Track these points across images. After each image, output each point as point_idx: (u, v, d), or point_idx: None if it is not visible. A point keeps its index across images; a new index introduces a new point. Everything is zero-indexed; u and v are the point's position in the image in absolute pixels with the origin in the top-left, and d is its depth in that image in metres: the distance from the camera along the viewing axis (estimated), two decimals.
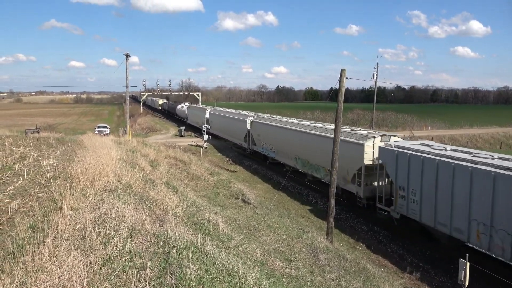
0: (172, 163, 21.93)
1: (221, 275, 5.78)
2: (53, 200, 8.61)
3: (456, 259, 12.43)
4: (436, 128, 68.52)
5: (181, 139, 47.09)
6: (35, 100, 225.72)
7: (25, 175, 11.67)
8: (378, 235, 17.84)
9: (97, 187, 9.90)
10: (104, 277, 5.27)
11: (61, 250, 5.73)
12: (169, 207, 9.79)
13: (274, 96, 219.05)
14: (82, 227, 6.93)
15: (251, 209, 16.03)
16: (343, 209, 21.13)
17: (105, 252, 5.94)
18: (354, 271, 10.99)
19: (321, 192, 24.76)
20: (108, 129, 51.56)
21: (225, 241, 8.61)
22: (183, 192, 13.72)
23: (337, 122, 14.61)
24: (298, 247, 11.44)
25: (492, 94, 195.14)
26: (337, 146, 14.74)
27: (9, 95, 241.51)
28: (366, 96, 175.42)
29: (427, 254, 15.77)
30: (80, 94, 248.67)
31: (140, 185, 11.75)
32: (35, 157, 15.50)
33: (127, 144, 24.12)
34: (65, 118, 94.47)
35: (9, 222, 7.45)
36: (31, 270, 5.13)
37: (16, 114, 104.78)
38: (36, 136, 25.07)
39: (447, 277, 13.90)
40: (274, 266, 8.61)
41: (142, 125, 68.74)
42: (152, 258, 6.08)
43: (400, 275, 13.99)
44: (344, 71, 14.28)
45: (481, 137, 57.16)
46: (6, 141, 19.92)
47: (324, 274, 9.71)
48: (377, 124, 62.87)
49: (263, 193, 24.35)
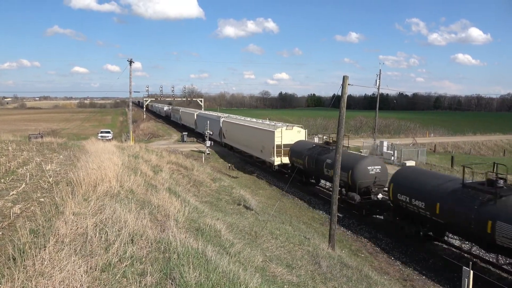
0: (174, 168, 21.92)
1: (222, 281, 5.74)
2: (55, 205, 8.62)
3: (459, 267, 12.33)
4: (439, 135, 68.42)
5: (184, 145, 47.16)
6: (39, 105, 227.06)
7: (27, 180, 11.69)
8: (381, 242, 17.73)
9: (99, 192, 9.90)
10: (104, 283, 5.25)
11: (62, 255, 5.72)
12: (171, 213, 9.77)
13: (277, 102, 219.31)
14: (83, 232, 6.92)
15: (253, 215, 15.98)
16: (346, 215, 21.05)
17: (106, 257, 5.92)
18: (356, 279, 10.91)
19: (323, 198, 24.70)
20: (111, 134, 51.79)
21: (227, 247, 8.57)
22: (185, 197, 13.70)
23: (339, 129, 14.60)
24: (300, 253, 11.38)
25: (495, 101, 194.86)
26: (339, 152, 14.70)
27: (13, 100, 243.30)
28: (369, 102, 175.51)
29: (430, 262, 15.64)
30: (84, 100, 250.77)
31: (142, 190, 11.74)
32: (38, 162, 15.53)
33: (129, 149, 24.16)
34: (68, 124, 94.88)
35: (10, 227, 7.45)
36: (32, 275, 5.12)
37: (20, 119, 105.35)
38: (39, 141, 25.15)
39: (450, 285, 13.77)
40: (275, 273, 8.55)
41: (144, 131, 69.00)
42: (153, 263, 6.06)
43: (402, 282, 13.88)
44: (347, 78, 14.29)
45: (484, 144, 57.00)
46: (9, 146, 19.99)
47: (326, 281, 9.63)
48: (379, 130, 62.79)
49: (265, 199, 24.29)
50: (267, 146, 31.63)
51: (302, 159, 26.03)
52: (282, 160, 30.32)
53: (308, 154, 25.37)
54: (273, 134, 30.51)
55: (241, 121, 42.30)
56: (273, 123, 37.14)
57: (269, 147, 31.15)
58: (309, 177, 27.29)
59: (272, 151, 30.63)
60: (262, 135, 32.96)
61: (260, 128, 34.53)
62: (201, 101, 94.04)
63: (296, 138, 30.19)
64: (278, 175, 31.35)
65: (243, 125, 39.32)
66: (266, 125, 35.46)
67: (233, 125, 42.13)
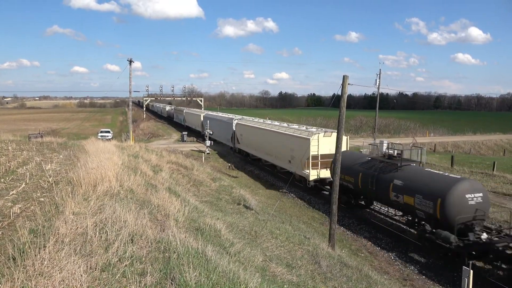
0: (174, 168, 21.92)
1: (221, 281, 5.74)
2: (55, 205, 8.62)
3: (459, 267, 12.34)
4: (439, 134, 68.43)
5: (184, 145, 47.15)
6: (38, 105, 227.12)
7: (27, 180, 11.69)
8: (381, 242, 17.73)
9: (98, 192, 9.90)
10: (104, 282, 5.25)
11: (62, 255, 5.72)
12: (171, 213, 9.77)
13: (277, 102, 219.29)
14: (83, 231, 6.92)
15: (253, 215, 15.98)
16: (346, 215, 21.04)
17: (106, 257, 5.92)
18: (356, 278, 10.91)
19: (323, 198, 24.70)
20: (110, 134, 51.76)
21: (227, 247, 8.58)
22: (185, 197, 13.70)
23: (339, 128, 14.60)
24: (300, 253, 11.38)
25: (495, 101, 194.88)
26: (339, 152, 14.71)
27: (13, 100, 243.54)
28: (369, 102, 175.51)
29: (430, 261, 15.64)
30: (84, 99, 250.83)
31: (142, 190, 11.74)
32: (38, 161, 15.53)
33: (129, 149, 24.16)
34: (68, 123, 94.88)
35: (10, 227, 7.45)
36: (32, 274, 5.12)
37: (20, 119, 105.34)
38: (39, 140, 25.14)
39: (450, 285, 13.78)
40: (275, 273, 8.56)
41: (144, 130, 69.00)
42: (153, 263, 6.06)
43: (402, 282, 13.89)
44: (347, 78, 14.29)
45: (484, 144, 56.98)
46: (9, 146, 19.99)
47: (326, 281, 9.64)
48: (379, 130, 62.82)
49: (265, 199, 24.30)
50: (299, 156, 25.76)
51: (352, 176, 20.51)
52: (320, 173, 25.00)
53: (363, 171, 19.78)
54: (308, 142, 24.79)
55: (262, 124, 35.84)
56: (304, 127, 31.21)
57: (302, 157, 25.09)
58: (359, 199, 21.82)
59: (306, 163, 24.99)
60: (292, 142, 27.31)
61: (290, 134, 28.36)
62: (201, 100, 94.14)
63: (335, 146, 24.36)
64: (277, 174, 31.25)
65: (265, 130, 32.99)
66: (296, 130, 28.86)
67: (251, 129, 36.10)
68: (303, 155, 24.78)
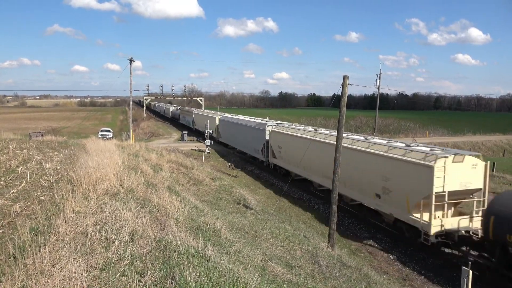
0: (174, 167, 21.94)
1: (221, 280, 5.76)
2: (55, 204, 8.64)
3: (458, 267, 12.35)
4: (439, 135, 68.45)
5: (184, 144, 47.16)
6: (39, 104, 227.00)
7: (28, 178, 11.71)
8: (380, 242, 17.75)
9: (99, 191, 9.92)
10: (104, 281, 5.27)
11: (62, 254, 5.74)
12: (171, 212, 9.79)
13: (277, 101, 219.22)
14: (84, 230, 6.94)
15: (252, 215, 16.00)
16: (345, 215, 21.05)
17: (106, 256, 5.94)
18: (356, 278, 10.93)
19: (323, 198, 24.70)
20: (111, 133, 51.79)
21: (226, 247, 8.60)
22: (185, 196, 13.72)
23: (339, 128, 14.61)
24: (299, 253, 11.40)
25: (495, 101, 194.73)
26: (339, 152, 14.72)
27: (13, 98, 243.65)
28: (369, 102, 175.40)
29: (430, 261, 15.66)
30: (84, 98, 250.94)
31: (142, 189, 11.76)
32: (38, 160, 15.55)
33: (129, 148, 24.18)
34: (69, 122, 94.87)
35: (11, 225, 7.47)
36: (32, 273, 5.14)
37: (20, 118, 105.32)
38: (40, 139, 25.16)
39: (449, 285, 13.80)
40: (275, 272, 8.58)
41: (145, 130, 69.05)
42: (153, 262, 6.08)
43: (402, 282, 13.91)
44: (347, 78, 14.29)
45: (484, 145, 56.98)
46: (9, 144, 20.01)
47: (325, 280, 9.66)
48: (379, 130, 62.83)
49: (265, 198, 24.31)
50: (404, 191, 16.32)
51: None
52: (445, 223, 15.21)
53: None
54: (430, 171, 14.87)
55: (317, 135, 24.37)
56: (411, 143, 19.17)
57: (410, 193, 15.95)
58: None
59: (423, 204, 15.32)
60: (394, 168, 16.88)
61: (388, 156, 17.21)
62: (201, 100, 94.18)
63: (471, 178, 15.45)
64: (277, 174, 31.18)
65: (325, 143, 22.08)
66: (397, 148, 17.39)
67: (297, 141, 25.82)
68: (415, 191, 15.74)
